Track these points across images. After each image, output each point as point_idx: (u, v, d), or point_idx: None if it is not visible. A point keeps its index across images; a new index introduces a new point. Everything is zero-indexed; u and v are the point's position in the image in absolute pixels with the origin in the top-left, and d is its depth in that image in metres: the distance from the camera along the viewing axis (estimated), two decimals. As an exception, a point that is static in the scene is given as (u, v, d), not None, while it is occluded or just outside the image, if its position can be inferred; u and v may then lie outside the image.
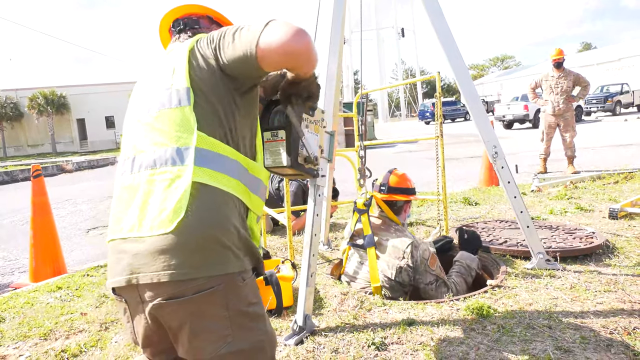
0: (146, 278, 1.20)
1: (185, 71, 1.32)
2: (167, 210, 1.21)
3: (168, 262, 1.18)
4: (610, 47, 44.15)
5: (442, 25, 2.92)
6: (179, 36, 1.60)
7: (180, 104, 1.31)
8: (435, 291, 2.80)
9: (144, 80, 1.49)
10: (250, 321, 1.28)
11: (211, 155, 1.29)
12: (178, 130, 1.29)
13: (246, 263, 1.29)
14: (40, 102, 37.95)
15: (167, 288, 1.20)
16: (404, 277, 2.78)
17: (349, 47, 46.78)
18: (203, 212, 1.22)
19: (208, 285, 1.20)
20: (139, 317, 1.29)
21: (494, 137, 2.98)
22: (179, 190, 1.23)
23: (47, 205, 4.34)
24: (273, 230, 4.91)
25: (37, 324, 2.85)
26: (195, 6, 1.66)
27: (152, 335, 1.31)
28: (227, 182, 1.30)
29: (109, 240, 1.33)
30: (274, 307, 2.65)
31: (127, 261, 1.24)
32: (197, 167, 1.25)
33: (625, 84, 26.84)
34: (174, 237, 1.19)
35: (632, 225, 3.90)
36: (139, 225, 1.24)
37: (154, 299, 1.21)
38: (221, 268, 1.22)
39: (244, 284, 1.27)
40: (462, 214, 4.91)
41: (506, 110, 22.28)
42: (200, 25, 1.63)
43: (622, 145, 11.61)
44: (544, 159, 7.57)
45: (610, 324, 2.19)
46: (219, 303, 1.22)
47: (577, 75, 7.39)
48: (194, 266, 1.19)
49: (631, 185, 5.76)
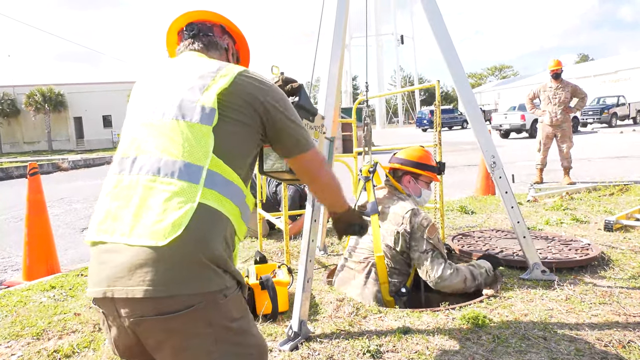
0: (121, 292, 1.15)
1: (219, 93, 1.32)
2: (164, 222, 1.18)
3: (144, 277, 1.14)
4: (607, 59, 44.53)
5: (442, 32, 2.93)
6: (192, 41, 1.60)
7: (201, 122, 1.29)
8: (430, 262, 2.71)
9: (152, 80, 1.46)
10: (235, 336, 1.25)
11: (220, 180, 1.28)
12: (193, 146, 1.27)
13: (227, 280, 1.25)
14: (37, 99, 37.86)
15: (143, 305, 1.15)
16: (401, 243, 2.78)
17: (348, 52, 46.91)
18: (198, 232, 1.19)
19: (188, 303, 1.16)
20: (116, 329, 1.25)
21: (492, 147, 2.98)
22: (184, 206, 1.20)
23: (43, 204, 4.32)
24: (269, 235, 4.90)
25: (29, 323, 2.83)
26: (210, 13, 1.66)
27: (133, 346, 1.26)
28: (230, 207, 1.29)
29: (94, 241, 1.27)
30: (269, 312, 2.64)
31: (106, 273, 1.19)
32: (205, 189, 1.24)
33: (621, 96, 27.04)
34: (159, 252, 1.15)
35: (627, 238, 3.92)
36: (130, 231, 1.20)
37: (130, 317, 1.17)
38: (201, 286, 1.18)
39: (225, 300, 1.23)
40: (459, 223, 4.91)
41: (503, 120, 22.38)
42: (213, 33, 1.63)
43: (618, 157, 11.68)
44: (540, 169, 7.61)
45: (605, 337, 2.20)
46: (201, 320, 1.19)
47: (574, 87, 7.44)
48: (172, 283, 1.15)
49: (626, 198, 5.79)
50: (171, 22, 1.69)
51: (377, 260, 2.79)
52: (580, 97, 7.44)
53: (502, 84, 54.78)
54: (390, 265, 2.83)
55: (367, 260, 2.88)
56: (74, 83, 42.14)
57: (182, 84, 1.37)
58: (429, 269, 2.72)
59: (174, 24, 1.69)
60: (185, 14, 1.66)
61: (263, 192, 4.34)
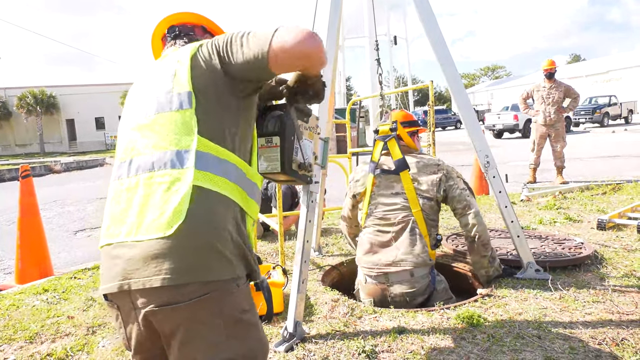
0: (138, 284, 1.18)
1: (188, 75, 1.32)
2: (167, 212, 1.20)
3: (160, 266, 1.17)
4: (598, 59, 44.87)
5: (435, 33, 2.94)
6: (174, 42, 1.61)
7: (182, 107, 1.30)
8: (470, 197, 2.89)
9: (140, 84, 1.49)
10: (243, 329, 1.27)
11: (211, 159, 1.28)
12: (178, 134, 1.29)
13: (240, 269, 1.27)
14: (29, 101, 37.53)
15: (160, 294, 1.18)
16: (443, 188, 2.89)
17: (342, 54, 46.89)
18: (202, 216, 1.21)
19: (202, 292, 1.19)
20: (131, 323, 1.27)
21: (486, 147, 2.99)
22: (180, 193, 1.22)
23: (35, 206, 4.29)
24: (264, 236, 4.89)
25: (22, 326, 2.80)
26: (190, 14, 1.68)
27: (144, 341, 1.29)
28: (226, 185, 1.29)
29: (103, 245, 1.31)
30: (264, 313, 2.63)
31: (120, 267, 1.22)
32: (197, 171, 1.25)
33: (613, 96, 27.21)
34: (169, 242, 1.18)
35: (620, 237, 3.95)
36: (137, 229, 1.22)
37: (147, 306, 1.19)
38: (215, 274, 1.21)
39: (237, 290, 1.26)
40: (453, 222, 4.93)
41: (496, 120, 22.48)
42: (194, 33, 1.65)
43: (610, 156, 11.76)
44: (533, 168, 7.64)
45: (599, 335, 2.21)
46: (212, 310, 1.21)
47: (567, 87, 7.48)
48: (187, 271, 1.18)
49: (619, 197, 5.83)
50: (153, 29, 1.71)
51: (416, 215, 2.84)
52: (573, 97, 7.48)
53: (495, 84, 55.04)
54: (427, 218, 2.88)
55: (406, 218, 2.87)
56: (66, 85, 41.68)
57: (158, 80, 1.40)
58: (470, 204, 2.88)
59: (157, 30, 1.71)
60: (166, 18, 1.68)
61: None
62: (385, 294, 2.79)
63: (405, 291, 2.74)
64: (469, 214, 2.86)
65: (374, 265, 2.83)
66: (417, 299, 2.77)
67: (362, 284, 2.90)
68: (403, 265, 2.75)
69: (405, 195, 2.90)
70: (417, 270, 2.75)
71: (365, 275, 2.86)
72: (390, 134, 3.05)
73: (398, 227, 2.87)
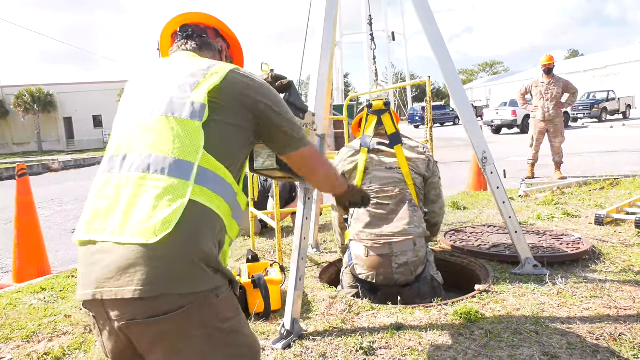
0: (110, 293, 1.12)
1: (209, 89, 1.31)
2: (154, 219, 1.15)
3: (132, 277, 1.11)
4: (596, 54, 44.81)
5: (433, 29, 2.93)
6: (185, 42, 1.59)
7: (192, 118, 1.27)
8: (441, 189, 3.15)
9: (144, 79, 1.44)
10: (228, 336, 1.24)
11: (212, 176, 1.26)
12: (182, 142, 1.25)
13: (218, 280, 1.23)
14: (26, 100, 37.48)
15: (133, 307, 1.13)
16: (431, 170, 3.05)
17: (339, 50, 46.83)
18: (188, 230, 1.17)
19: (179, 304, 1.14)
20: (107, 332, 1.22)
21: (483, 143, 2.99)
22: (174, 203, 1.18)
23: (32, 205, 4.28)
24: (262, 233, 4.89)
25: (19, 325, 2.79)
26: (204, 15, 1.67)
27: (124, 349, 1.24)
28: (220, 204, 1.27)
29: (83, 240, 1.24)
30: (261, 311, 2.63)
31: (95, 274, 1.16)
32: (196, 186, 1.22)
33: (611, 91, 27.20)
34: (150, 250, 1.13)
35: (618, 232, 3.95)
36: (121, 229, 1.17)
37: (120, 320, 1.14)
38: (192, 286, 1.16)
39: (218, 300, 1.21)
40: (451, 219, 4.92)
41: (495, 116, 22.48)
42: (207, 35, 1.63)
43: (608, 151, 11.76)
44: (531, 164, 7.64)
45: (597, 330, 2.21)
46: (192, 323, 1.16)
47: (566, 82, 7.47)
48: (160, 283, 1.12)
49: (617, 192, 5.83)
50: (165, 24, 1.69)
51: (410, 189, 2.92)
52: (572, 92, 7.48)
53: (493, 80, 55.03)
54: (418, 192, 3.00)
55: (403, 191, 2.92)
56: (63, 83, 41.62)
57: (173, 82, 1.36)
58: (442, 194, 3.17)
59: (168, 26, 1.68)
60: (179, 16, 1.66)
61: (255, 190, 4.33)
62: (389, 265, 2.77)
63: (412, 260, 2.77)
64: (440, 202, 3.15)
65: (377, 236, 2.82)
66: (418, 269, 2.81)
67: (363, 257, 2.83)
68: (407, 235, 2.78)
69: (399, 170, 2.97)
70: (419, 240, 2.81)
71: (368, 249, 2.82)
72: (385, 109, 3.12)
73: (397, 199, 2.90)
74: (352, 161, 3.10)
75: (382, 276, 2.79)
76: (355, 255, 2.89)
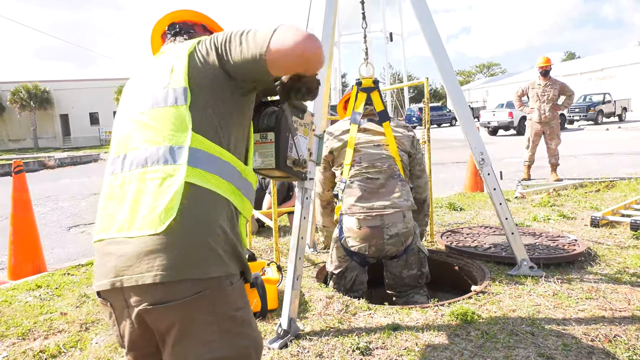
0: (130, 280, 1.17)
1: (185, 71, 1.32)
2: (158, 208, 1.19)
3: (152, 263, 1.15)
4: (593, 57, 44.94)
5: (431, 29, 2.94)
6: (174, 39, 1.60)
7: (176, 103, 1.29)
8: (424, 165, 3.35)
9: (136, 79, 1.48)
10: (236, 327, 1.26)
11: (204, 156, 1.27)
12: (172, 129, 1.28)
13: (233, 267, 1.26)
14: (23, 96, 37.24)
15: (153, 292, 1.17)
16: (415, 147, 3.17)
17: (337, 50, 46.80)
18: (193, 213, 1.21)
19: (195, 290, 1.18)
20: (124, 321, 1.27)
21: (481, 144, 3.00)
22: (171, 189, 1.21)
23: (28, 202, 4.26)
24: (258, 232, 4.89)
25: (15, 323, 2.78)
26: (191, 12, 1.68)
27: (138, 339, 1.28)
28: (219, 183, 1.28)
29: (96, 240, 1.30)
30: (258, 310, 2.63)
31: (112, 263, 1.21)
32: (190, 167, 1.24)
33: (607, 94, 27.31)
34: (162, 238, 1.17)
35: (613, 234, 3.97)
36: (129, 225, 1.21)
37: (140, 304, 1.18)
38: (208, 271, 1.20)
39: (231, 288, 1.25)
40: (447, 219, 4.94)
41: (491, 117, 22.52)
42: (194, 31, 1.64)
43: (604, 154, 11.80)
44: (528, 166, 7.67)
45: (592, 331, 2.22)
46: (206, 308, 1.20)
47: (562, 84, 7.50)
48: (179, 268, 1.17)
49: (612, 194, 5.86)
50: (153, 26, 1.70)
51: (398, 164, 3.00)
52: (568, 94, 7.51)
53: (490, 81, 55.08)
54: (405, 169, 3.08)
55: (391, 166, 3.00)
56: (59, 80, 41.40)
57: (155, 75, 1.40)
58: (426, 170, 3.35)
59: (157, 26, 1.70)
60: (167, 15, 1.67)
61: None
62: (380, 236, 2.84)
63: (402, 231, 2.84)
64: (424, 177, 3.31)
65: (369, 209, 2.88)
66: (408, 239, 2.91)
67: (355, 230, 2.88)
68: (397, 207, 2.87)
69: (387, 147, 3.05)
70: (407, 212, 2.91)
71: (360, 221, 2.87)
72: (374, 86, 3.18)
73: (386, 174, 2.98)
74: (341, 139, 3.16)
75: (374, 247, 2.86)
76: (347, 228, 2.94)
